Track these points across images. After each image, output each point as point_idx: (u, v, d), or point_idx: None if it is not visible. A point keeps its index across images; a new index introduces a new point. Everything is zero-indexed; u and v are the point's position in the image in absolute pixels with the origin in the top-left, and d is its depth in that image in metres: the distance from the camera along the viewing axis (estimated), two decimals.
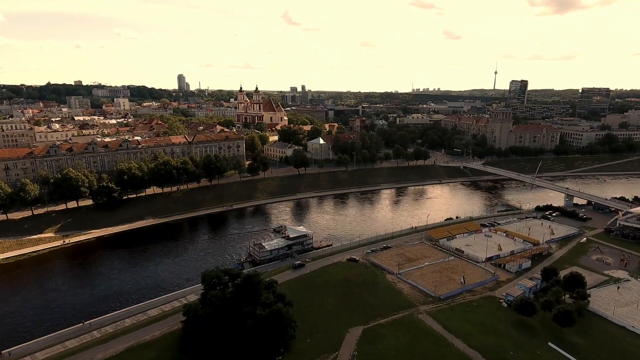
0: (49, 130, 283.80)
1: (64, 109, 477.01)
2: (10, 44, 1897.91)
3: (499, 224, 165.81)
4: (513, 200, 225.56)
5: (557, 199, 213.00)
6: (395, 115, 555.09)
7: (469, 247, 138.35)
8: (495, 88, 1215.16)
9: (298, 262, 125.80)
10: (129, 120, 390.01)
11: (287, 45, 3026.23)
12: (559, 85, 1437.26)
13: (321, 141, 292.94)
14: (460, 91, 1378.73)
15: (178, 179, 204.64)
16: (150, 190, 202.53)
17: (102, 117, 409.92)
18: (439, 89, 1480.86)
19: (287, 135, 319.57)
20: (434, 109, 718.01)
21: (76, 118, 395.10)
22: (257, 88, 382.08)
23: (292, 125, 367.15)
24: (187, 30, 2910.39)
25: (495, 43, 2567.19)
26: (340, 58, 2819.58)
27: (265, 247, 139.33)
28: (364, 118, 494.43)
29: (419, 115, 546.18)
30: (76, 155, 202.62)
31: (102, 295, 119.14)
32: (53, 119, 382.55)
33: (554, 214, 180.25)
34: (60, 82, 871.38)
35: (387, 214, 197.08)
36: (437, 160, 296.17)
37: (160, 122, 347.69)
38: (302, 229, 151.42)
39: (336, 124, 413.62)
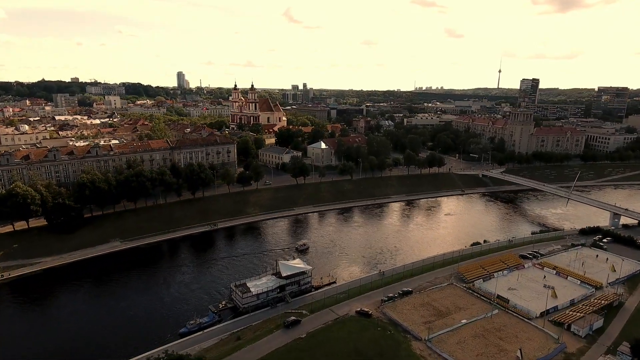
0: (17, 132, 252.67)
1: (47, 108, 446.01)
2: (11, 41, 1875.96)
3: (541, 254, 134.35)
4: (546, 217, 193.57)
5: (597, 216, 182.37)
6: (401, 115, 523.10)
7: (514, 292, 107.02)
8: (499, 87, 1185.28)
9: (291, 318, 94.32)
10: (114, 120, 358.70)
11: (289, 43, 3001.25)
12: (561, 84, 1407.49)
13: (323, 145, 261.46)
14: (463, 90, 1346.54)
15: (153, 192, 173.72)
16: (120, 206, 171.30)
17: (85, 117, 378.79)
18: (442, 87, 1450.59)
19: (285, 138, 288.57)
20: (441, 108, 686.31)
21: (57, 117, 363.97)
22: (252, 86, 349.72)
23: (291, 126, 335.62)
24: (188, 27, 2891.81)
25: (497, 42, 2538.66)
26: (341, 56, 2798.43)
27: (251, 289, 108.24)
28: (368, 118, 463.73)
29: (426, 115, 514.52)
30: (33, 164, 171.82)
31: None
32: (31, 119, 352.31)
33: (604, 240, 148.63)
34: (57, 79, 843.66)
35: (400, 236, 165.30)
36: (452, 167, 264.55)
37: (145, 123, 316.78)
38: (298, 262, 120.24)
39: (339, 125, 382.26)
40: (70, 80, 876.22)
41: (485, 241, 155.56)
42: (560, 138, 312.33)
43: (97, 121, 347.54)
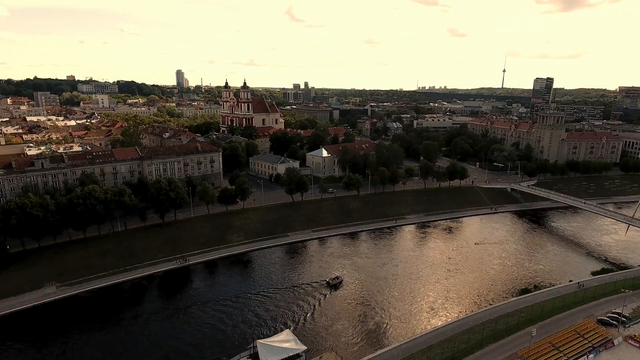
0: None
1: (23, 107, 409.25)
2: (14, 39, 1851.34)
3: (627, 317, 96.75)
4: (604, 246, 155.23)
5: None
6: (408, 115, 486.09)
7: None
8: (504, 87, 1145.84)
9: None
10: (93, 121, 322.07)
11: (290, 42, 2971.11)
12: (565, 84, 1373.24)
13: (324, 153, 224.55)
14: (467, 89, 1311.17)
15: (108, 216, 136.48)
16: (64, 236, 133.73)
17: (61, 117, 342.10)
18: (445, 87, 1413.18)
19: (282, 144, 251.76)
20: (449, 108, 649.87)
21: (29, 118, 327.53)
22: (245, 83, 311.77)
23: (288, 130, 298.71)
24: (190, 26, 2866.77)
25: (501, 41, 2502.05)
26: (343, 55, 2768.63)
27: None
28: (374, 120, 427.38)
29: (436, 116, 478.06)
30: None
31: None
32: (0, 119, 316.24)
33: None
34: (56, 77, 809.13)
35: (421, 278, 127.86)
36: (475, 179, 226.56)
37: (124, 125, 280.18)
38: (286, 337, 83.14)
39: (343, 128, 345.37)
40: (66, 78, 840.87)
41: (536, 287, 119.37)
42: (595, 144, 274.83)
43: (73, 123, 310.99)
